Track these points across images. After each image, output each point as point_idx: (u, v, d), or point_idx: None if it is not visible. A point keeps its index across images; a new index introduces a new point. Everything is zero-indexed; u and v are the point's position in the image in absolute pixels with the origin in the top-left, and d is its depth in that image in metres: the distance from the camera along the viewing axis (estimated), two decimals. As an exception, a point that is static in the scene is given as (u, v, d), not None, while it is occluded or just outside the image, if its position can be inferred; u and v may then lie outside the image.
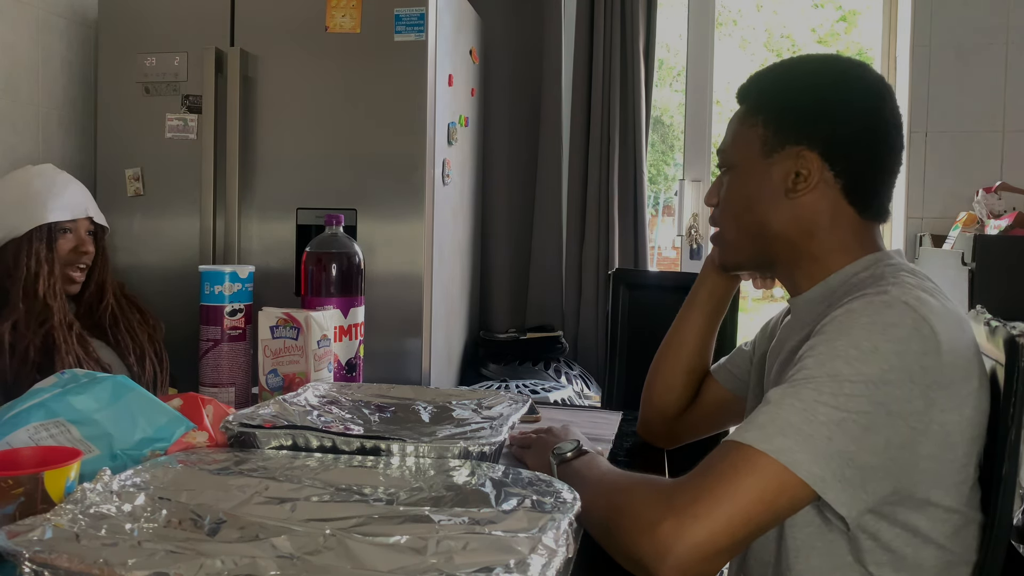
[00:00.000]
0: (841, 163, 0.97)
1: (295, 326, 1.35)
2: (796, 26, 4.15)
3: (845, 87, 0.98)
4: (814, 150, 0.97)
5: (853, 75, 1.00)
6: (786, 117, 1.00)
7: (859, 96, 0.98)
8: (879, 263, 0.96)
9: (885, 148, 0.99)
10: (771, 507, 0.79)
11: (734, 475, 0.79)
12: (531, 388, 2.35)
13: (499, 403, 1.27)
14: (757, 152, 1.01)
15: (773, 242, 1.02)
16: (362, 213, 2.06)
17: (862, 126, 0.97)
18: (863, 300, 0.87)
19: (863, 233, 0.99)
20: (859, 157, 0.97)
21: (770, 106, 1.01)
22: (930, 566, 0.89)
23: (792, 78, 1.02)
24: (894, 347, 0.82)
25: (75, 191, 1.67)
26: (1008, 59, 2.55)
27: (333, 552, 0.70)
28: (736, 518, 0.78)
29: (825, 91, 0.99)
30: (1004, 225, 2.24)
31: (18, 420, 0.94)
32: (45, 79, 2.20)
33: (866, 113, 0.98)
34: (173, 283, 2.14)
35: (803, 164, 0.97)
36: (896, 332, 0.83)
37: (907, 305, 0.84)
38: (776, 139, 1.00)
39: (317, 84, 2.08)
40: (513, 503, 0.82)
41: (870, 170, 0.98)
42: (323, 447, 1.00)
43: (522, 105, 2.78)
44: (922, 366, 0.82)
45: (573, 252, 2.75)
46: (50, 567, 0.64)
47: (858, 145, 0.97)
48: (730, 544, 0.78)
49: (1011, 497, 0.89)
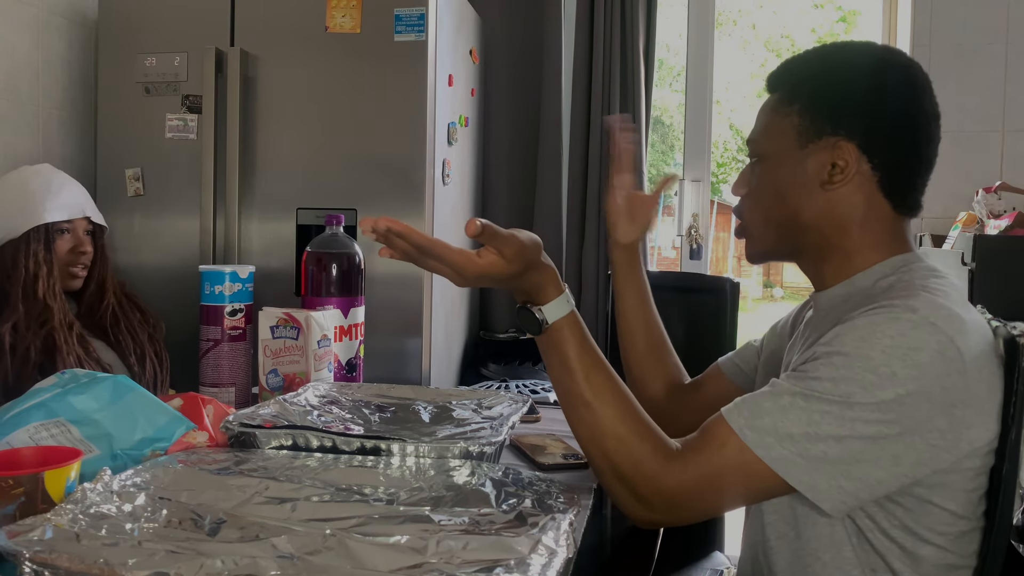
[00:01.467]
0: (880, 155, 0.94)
1: (295, 326, 1.35)
2: (796, 26, 4.16)
3: (883, 76, 0.95)
4: (852, 141, 0.94)
5: (891, 63, 0.97)
6: (823, 106, 0.96)
7: (898, 85, 0.95)
8: (908, 265, 0.94)
9: (923, 139, 0.96)
10: (761, 497, 0.90)
11: (724, 467, 0.85)
12: (531, 388, 2.34)
13: (499, 403, 1.27)
14: (792, 142, 0.98)
15: (803, 234, 0.99)
16: (362, 213, 2.06)
17: (901, 116, 0.94)
18: (888, 315, 0.84)
19: (896, 229, 0.97)
20: (898, 149, 0.94)
21: (806, 95, 0.98)
22: (929, 565, 0.89)
23: (829, 67, 0.98)
24: (913, 372, 0.81)
25: (72, 191, 1.66)
26: (1008, 59, 2.55)
27: (333, 552, 0.70)
28: (727, 503, 0.89)
29: (863, 80, 0.95)
30: (1004, 225, 2.24)
31: (18, 420, 0.95)
32: (45, 79, 2.20)
33: (905, 103, 0.95)
34: (173, 283, 2.14)
35: (840, 155, 0.94)
36: (918, 357, 0.81)
37: (934, 326, 0.82)
38: (812, 129, 0.96)
39: (317, 84, 2.08)
40: (513, 503, 0.82)
41: (908, 162, 0.95)
42: (323, 447, 1.00)
43: (522, 105, 2.78)
44: (943, 387, 0.81)
45: (573, 252, 2.75)
46: (50, 567, 0.64)
47: (897, 136, 0.94)
48: (717, 511, 0.89)
49: (1011, 497, 0.89)
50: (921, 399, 0.81)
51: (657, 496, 0.86)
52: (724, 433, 0.85)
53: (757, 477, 0.84)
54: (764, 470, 0.83)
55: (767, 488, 0.85)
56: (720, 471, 0.84)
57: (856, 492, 0.84)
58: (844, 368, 0.82)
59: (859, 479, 0.83)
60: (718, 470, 0.84)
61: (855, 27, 3.86)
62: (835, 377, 0.82)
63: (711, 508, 0.87)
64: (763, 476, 0.83)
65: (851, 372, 0.82)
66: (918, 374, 0.81)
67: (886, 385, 0.80)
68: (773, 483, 0.84)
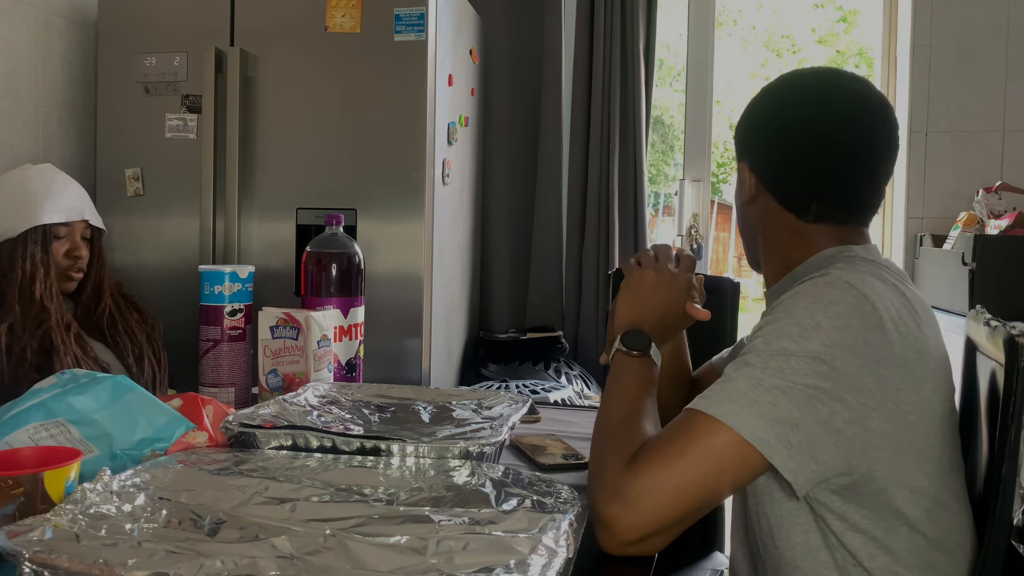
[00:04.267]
0: (764, 174, 1.04)
1: (295, 326, 1.35)
2: (796, 26, 4.16)
3: (780, 105, 1.04)
4: (746, 162, 1.07)
5: (796, 89, 1.04)
6: (737, 133, 1.11)
7: (780, 107, 1.04)
8: (839, 254, 1.00)
9: (814, 161, 1.01)
10: (720, 469, 0.83)
11: (685, 438, 0.84)
12: (531, 388, 2.34)
13: (499, 403, 1.27)
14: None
15: (746, 241, 1.13)
16: (362, 213, 2.06)
17: (786, 143, 1.02)
18: (808, 283, 0.91)
19: (813, 234, 1.03)
20: (782, 171, 1.03)
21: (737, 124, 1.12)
22: (902, 549, 0.89)
23: (753, 98, 1.09)
24: (835, 323, 0.86)
25: (72, 193, 1.66)
26: (1008, 59, 2.55)
27: (333, 552, 0.70)
28: (689, 493, 0.82)
29: (755, 107, 1.07)
30: (1004, 225, 2.24)
31: (18, 420, 0.94)
32: (45, 79, 2.20)
33: (785, 124, 1.02)
34: (173, 283, 2.14)
35: (746, 177, 1.07)
36: (836, 309, 0.87)
37: (848, 284, 0.89)
38: (737, 153, 1.11)
39: (317, 84, 2.08)
40: (513, 503, 0.82)
41: (795, 181, 1.02)
42: (323, 447, 1.00)
43: (522, 105, 2.78)
44: (866, 342, 0.85)
45: (573, 252, 2.75)
46: (50, 567, 0.64)
47: (779, 160, 1.03)
48: (682, 519, 0.82)
49: (1011, 497, 0.89)
50: (848, 353, 0.85)
51: (625, 491, 0.83)
52: (679, 416, 0.88)
53: (710, 436, 0.83)
54: (717, 427, 0.83)
55: (722, 449, 0.82)
56: (676, 443, 0.83)
57: (806, 453, 0.83)
58: (774, 330, 0.88)
59: (805, 436, 0.83)
60: (675, 444, 0.83)
61: (855, 27, 3.86)
62: (767, 336, 0.88)
63: (678, 485, 0.82)
64: (715, 433, 0.82)
65: (780, 329, 0.88)
66: (841, 325, 0.85)
67: (812, 336, 0.85)
68: (726, 440, 0.82)
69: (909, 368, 0.87)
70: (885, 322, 0.87)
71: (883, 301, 0.88)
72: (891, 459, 0.87)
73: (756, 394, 0.84)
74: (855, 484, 0.88)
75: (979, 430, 1.02)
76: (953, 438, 0.94)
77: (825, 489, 0.89)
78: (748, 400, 0.84)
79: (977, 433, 1.02)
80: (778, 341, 0.86)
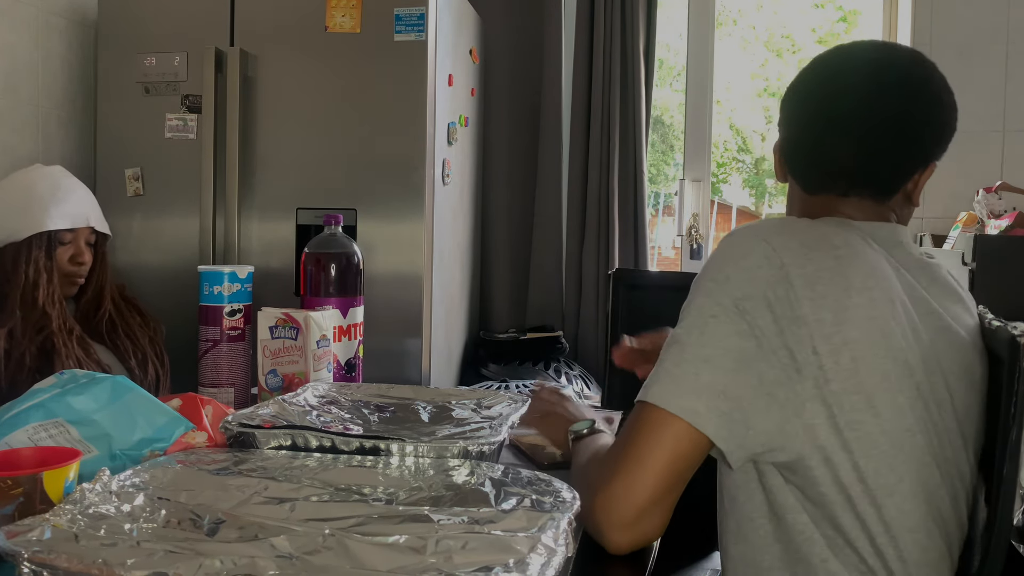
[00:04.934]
0: (784, 147, 1.05)
1: (294, 326, 1.35)
2: (796, 26, 4.16)
3: (802, 77, 1.03)
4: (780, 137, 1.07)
5: (817, 64, 1.03)
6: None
7: (804, 81, 1.03)
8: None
9: (812, 126, 1.00)
10: (673, 453, 0.83)
11: (634, 433, 0.85)
12: (531, 388, 2.34)
13: (499, 403, 1.27)
14: None
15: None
16: (362, 213, 2.06)
17: (798, 113, 1.02)
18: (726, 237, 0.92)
19: (817, 206, 1.01)
20: (791, 139, 1.03)
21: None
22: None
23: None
24: (745, 276, 0.85)
25: (79, 198, 1.64)
26: (1008, 59, 2.55)
27: (332, 552, 0.70)
28: (648, 475, 0.83)
29: (792, 83, 1.06)
30: (1004, 225, 2.24)
31: (17, 420, 0.94)
32: (45, 79, 2.20)
33: (806, 100, 1.02)
34: (172, 283, 2.14)
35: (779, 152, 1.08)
36: (745, 262, 0.86)
37: (757, 235, 0.88)
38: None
39: (317, 84, 2.08)
40: (512, 503, 0.82)
41: (794, 144, 1.03)
42: (322, 447, 1.00)
43: (522, 105, 2.78)
44: (776, 296, 0.84)
45: (573, 252, 2.75)
46: (49, 567, 0.64)
47: (790, 131, 1.03)
48: (654, 497, 0.83)
49: (1011, 497, 0.89)
50: (762, 307, 0.84)
51: (602, 487, 0.86)
52: (633, 412, 0.89)
53: (647, 420, 0.84)
54: (649, 409, 0.85)
55: (659, 429, 0.83)
56: (626, 433, 0.87)
57: (738, 419, 0.82)
58: (692, 291, 0.89)
59: (736, 401, 0.82)
60: (626, 434, 0.87)
61: (855, 27, 3.85)
62: (688, 300, 0.89)
63: (643, 476, 0.83)
64: (650, 415, 0.84)
65: (697, 288, 0.89)
66: (749, 277, 0.85)
67: (724, 290, 0.86)
68: (658, 419, 0.84)
69: (820, 329, 0.83)
70: (792, 276, 0.84)
71: (794, 256, 0.85)
72: (829, 431, 0.83)
73: (679, 369, 0.85)
74: (792, 464, 0.85)
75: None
76: (924, 436, 0.86)
77: (768, 463, 0.87)
78: (672, 377, 0.85)
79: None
80: (695, 299, 0.88)
